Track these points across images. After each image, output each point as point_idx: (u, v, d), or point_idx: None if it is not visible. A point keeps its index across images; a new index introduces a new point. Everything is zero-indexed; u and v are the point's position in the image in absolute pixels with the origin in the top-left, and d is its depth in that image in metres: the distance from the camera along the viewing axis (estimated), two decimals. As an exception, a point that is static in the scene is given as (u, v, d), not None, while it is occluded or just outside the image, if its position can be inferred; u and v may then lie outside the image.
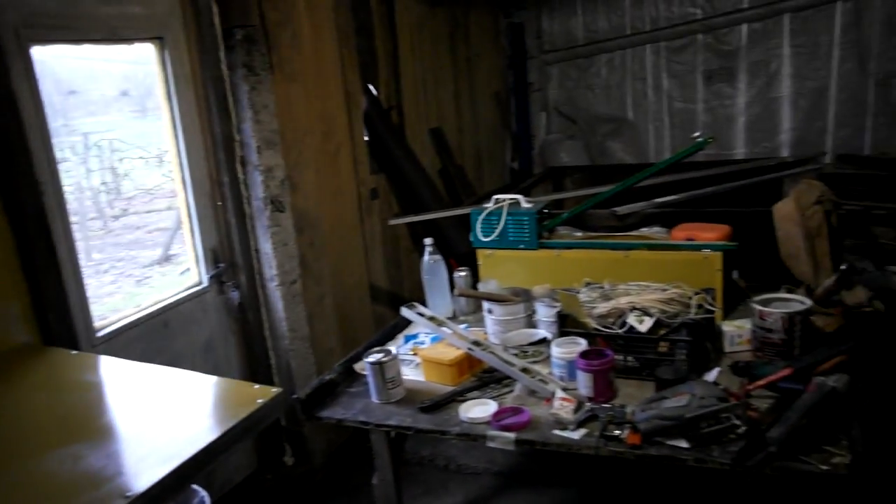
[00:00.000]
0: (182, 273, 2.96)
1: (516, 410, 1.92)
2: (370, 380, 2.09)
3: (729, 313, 2.41)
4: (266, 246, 2.84)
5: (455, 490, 2.82)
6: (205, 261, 2.72)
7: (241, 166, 2.74)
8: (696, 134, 2.39)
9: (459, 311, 2.68)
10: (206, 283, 2.73)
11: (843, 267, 2.16)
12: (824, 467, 1.53)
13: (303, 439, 3.04)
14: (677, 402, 1.72)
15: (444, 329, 2.23)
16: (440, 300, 2.67)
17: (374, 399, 2.10)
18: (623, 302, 2.03)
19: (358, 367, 2.28)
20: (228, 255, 2.80)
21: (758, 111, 4.99)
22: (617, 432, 1.74)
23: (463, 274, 2.68)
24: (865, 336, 2.08)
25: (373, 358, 2.07)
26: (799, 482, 1.55)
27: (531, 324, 2.37)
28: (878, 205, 4.66)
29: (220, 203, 2.74)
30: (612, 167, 4.61)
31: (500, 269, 2.65)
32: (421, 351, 2.25)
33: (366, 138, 3.64)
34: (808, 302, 2.02)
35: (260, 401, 1.53)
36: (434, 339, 2.35)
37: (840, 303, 2.14)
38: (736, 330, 2.14)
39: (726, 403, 1.67)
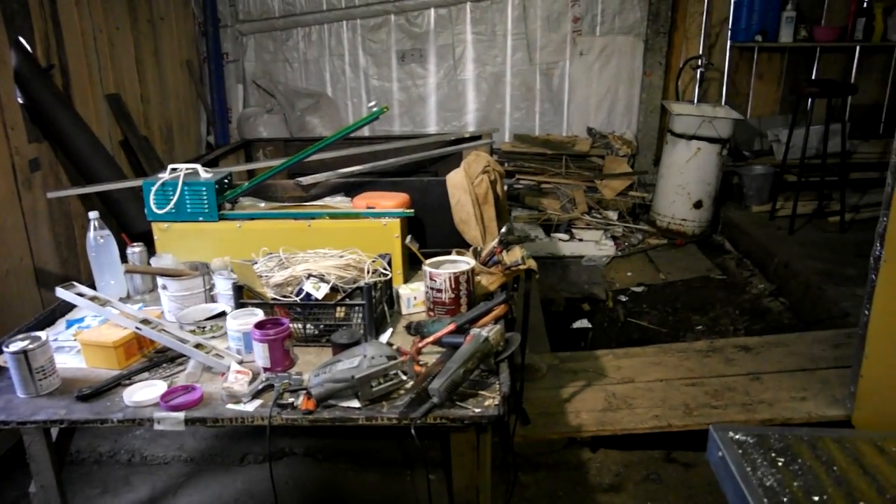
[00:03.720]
0: None
1: (188, 389, 1.80)
2: (13, 373, 1.81)
3: (409, 277, 2.53)
4: None
5: (139, 484, 2.59)
6: None
7: None
8: (371, 104, 2.45)
9: (134, 291, 2.45)
10: None
11: (502, 230, 2.38)
12: (477, 410, 1.66)
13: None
14: (349, 364, 1.74)
15: (109, 309, 2.02)
16: (111, 279, 2.42)
17: (20, 394, 1.83)
18: (300, 270, 2.01)
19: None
20: None
21: (447, 91, 5.33)
22: (291, 400, 1.72)
23: (137, 250, 2.46)
24: (515, 289, 2.33)
25: (14, 346, 1.80)
26: (459, 424, 1.66)
27: (212, 299, 2.26)
28: (546, 180, 5.29)
29: None
30: (308, 140, 4.59)
31: (178, 243, 2.47)
32: (81, 334, 2.00)
33: (20, 101, 3.16)
34: (473, 262, 2.19)
35: None
36: (103, 322, 2.12)
37: (501, 262, 2.34)
38: (411, 292, 2.25)
39: (394, 361, 1.74)
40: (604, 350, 3.22)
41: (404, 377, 1.73)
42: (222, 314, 2.15)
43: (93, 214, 2.37)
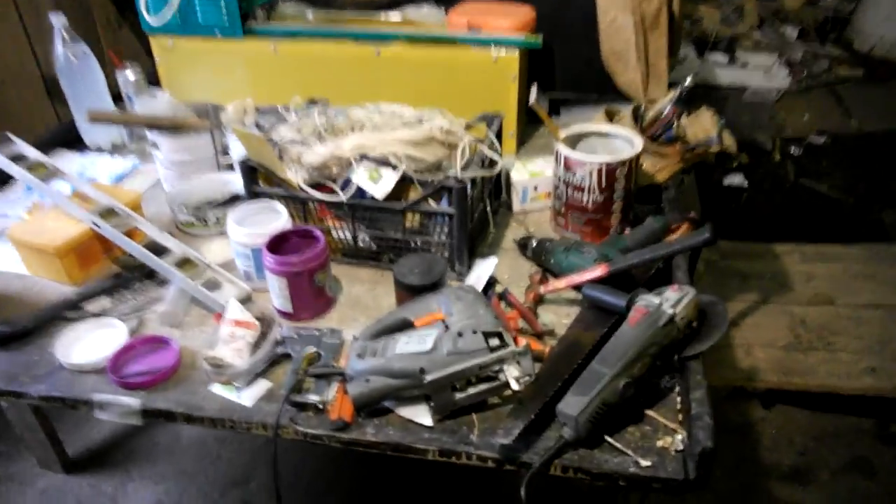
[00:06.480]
0: None
1: (158, 343, 1.10)
2: None
3: (524, 143, 1.68)
4: None
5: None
6: None
7: None
8: None
9: (131, 138, 1.72)
10: None
11: (687, 83, 1.44)
12: (644, 462, 0.89)
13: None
14: (418, 341, 0.98)
15: (55, 187, 1.30)
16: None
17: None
18: (347, 146, 1.18)
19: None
20: None
21: None
22: (314, 398, 0.99)
23: (132, 77, 1.69)
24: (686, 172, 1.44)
25: None
26: (606, 483, 0.91)
27: (229, 168, 1.50)
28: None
29: None
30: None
31: (188, 70, 1.68)
32: (14, 229, 1.30)
33: None
34: (639, 143, 1.30)
35: None
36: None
37: (681, 138, 1.44)
38: (530, 178, 1.41)
39: (500, 351, 0.95)
40: (786, 244, 2.32)
41: (514, 382, 0.95)
42: (235, 199, 1.40)
43: (57, 19, 1.57)
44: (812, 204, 2.98)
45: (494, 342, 0.97)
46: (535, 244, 1.26)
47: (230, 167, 1.48)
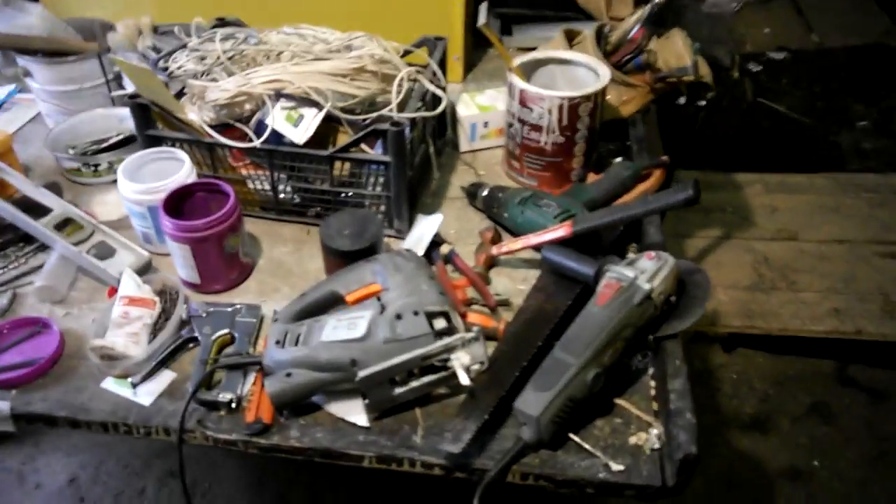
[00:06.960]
0: None
1: (35, 326, 0.91)
2: None
3: (472, 68, 1.48)
4: None
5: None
6: None
7: None
8: None
9: (4, 62, 1.45)
10: None
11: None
12: (616, 466, 0.76)
13: None
14: (348, 326, 0.81)
15: None
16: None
17: None
18: (258, 81, 0.97)
19: None
20: None
21: None
22: (227, 396, 0.82)
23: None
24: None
25: None
26: (571, 490, 0.79)
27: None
28: None
29: None
30: None
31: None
32: None
33: None
34: (605, 74, 1.12)
35: None
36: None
37: (651, 66, 1.27)
38: (480, 113, 1.23)
39: (446, 337, 0.80)
40: (749, 174, 2.20)
41: (464, 373, 0.80)
42: (133, 139, 1.18)
43: None
44: (770, 124, 2.86)
45: (440, 324, 0.81)
46: (485, 193, 1.09)
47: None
